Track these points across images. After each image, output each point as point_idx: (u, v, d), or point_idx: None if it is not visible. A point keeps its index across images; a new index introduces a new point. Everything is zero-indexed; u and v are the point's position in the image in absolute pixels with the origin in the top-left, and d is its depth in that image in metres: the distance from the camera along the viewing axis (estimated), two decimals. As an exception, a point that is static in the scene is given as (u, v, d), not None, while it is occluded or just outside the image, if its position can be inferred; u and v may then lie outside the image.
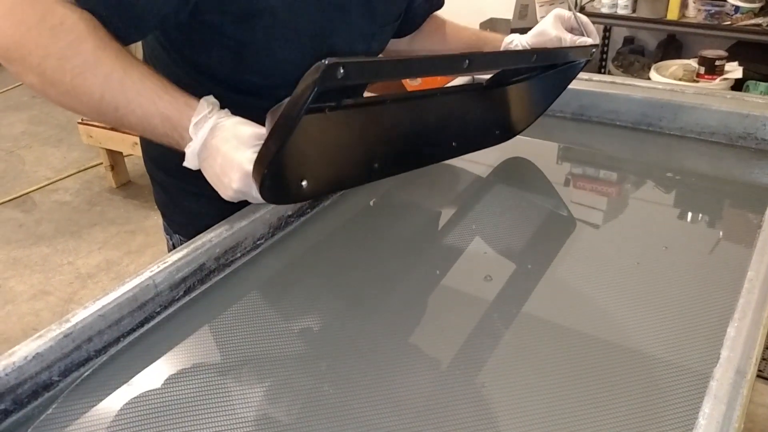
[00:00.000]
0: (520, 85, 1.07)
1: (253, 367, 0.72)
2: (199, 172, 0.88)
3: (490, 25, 3.40)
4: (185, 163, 0.76)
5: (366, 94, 1.19)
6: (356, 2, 0.91)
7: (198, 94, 0.94)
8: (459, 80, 1.26)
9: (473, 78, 1.22)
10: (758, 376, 0.66)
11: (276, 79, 0.93)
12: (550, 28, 1.08)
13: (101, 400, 0.68)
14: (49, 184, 3.28)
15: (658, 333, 0.75)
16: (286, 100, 0.67)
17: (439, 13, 1.17)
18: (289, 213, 0.96)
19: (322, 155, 0.76)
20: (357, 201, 1.04)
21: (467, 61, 0.77)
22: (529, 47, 1.08)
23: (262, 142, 0.71)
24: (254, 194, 0.73)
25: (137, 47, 0.99)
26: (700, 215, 1.00)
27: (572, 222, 0.99)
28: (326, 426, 0.64)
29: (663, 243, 0.91)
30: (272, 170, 0.70)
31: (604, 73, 3.10)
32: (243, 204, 0.92)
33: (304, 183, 0.72)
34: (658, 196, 1.06)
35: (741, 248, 0.89)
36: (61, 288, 2.54)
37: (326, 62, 0.62)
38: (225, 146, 0.73)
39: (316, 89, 0.63)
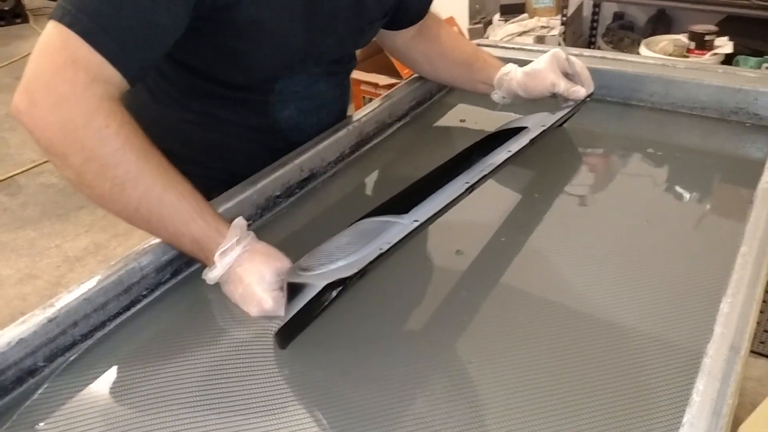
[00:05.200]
0: None
1: (240, 350, 0.71)
2: (187, 153, 0.89)
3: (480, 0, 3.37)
4: (204, 276, 0.77)
5: (356, 72, 1.17)
6: (346, 4, 0.91)
7: (187, 89, 0.95)
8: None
9: None
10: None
11: (267, 77, 0.94)
12: (546, 71, 1.07)
13: (87, 385, 0.67)
14: (34, 167, 3.24)
15: (649, 309, 0.74)
16: (306, 267, 0.70)
17: None
18: (278, 194, 0.95)
19: None
20: (348, 181, 1.03)
21: (470, 188, 0.82)
22: (522, 84, 1.08)
23: (283, 277, 0.74)
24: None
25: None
26: (692, 190, 0.99)
27: (566, 199, 0.98)
28: (315, 406, 0.64)
29: (650, 218, 0.91)
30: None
31: (594, 48, 3.08)
32: (230, 183, 0.90)
33: None
34: (650, 171, 1.05)
35: (732, 223, 0.89)
36: (48, 271, 2.52)
37: (344, 281, 0.65)
38: (248, 278, 0.74)
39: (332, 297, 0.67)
